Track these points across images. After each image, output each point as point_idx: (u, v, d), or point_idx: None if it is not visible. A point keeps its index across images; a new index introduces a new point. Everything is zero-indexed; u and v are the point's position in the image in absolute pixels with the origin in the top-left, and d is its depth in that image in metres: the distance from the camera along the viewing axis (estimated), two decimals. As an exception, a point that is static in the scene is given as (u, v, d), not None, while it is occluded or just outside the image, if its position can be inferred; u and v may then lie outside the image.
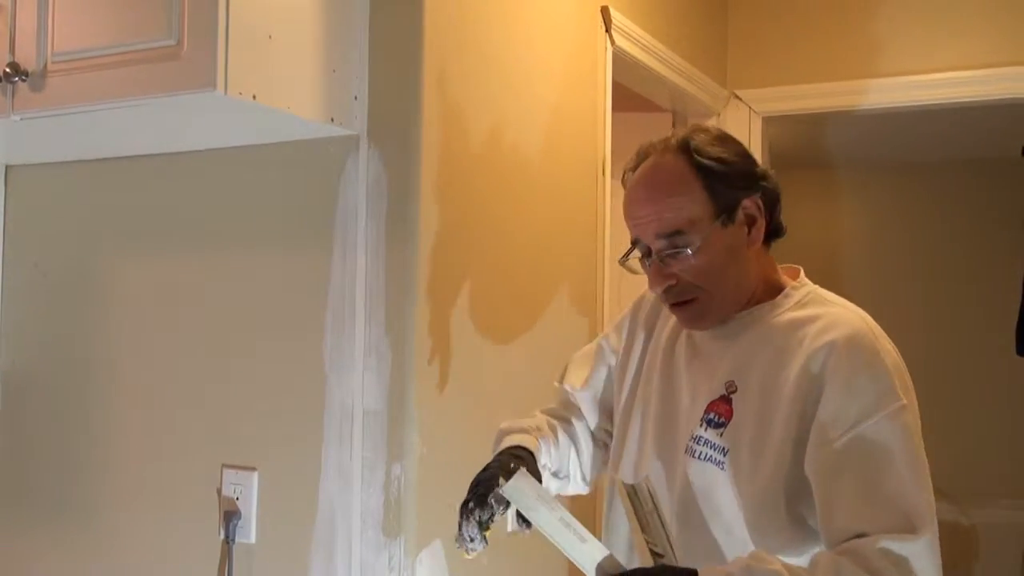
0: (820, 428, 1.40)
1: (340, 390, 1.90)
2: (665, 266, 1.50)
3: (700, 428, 1.50)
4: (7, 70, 1.77)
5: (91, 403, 2.18)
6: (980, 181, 5.41)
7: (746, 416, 1.47)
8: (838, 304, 1.53)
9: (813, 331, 1.46)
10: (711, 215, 1.48)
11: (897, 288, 5.49)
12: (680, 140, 1.53)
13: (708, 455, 1.48)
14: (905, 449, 1.38)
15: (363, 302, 1.89)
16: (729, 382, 1.50)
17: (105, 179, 2.19)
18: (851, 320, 1.47)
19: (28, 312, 2.28)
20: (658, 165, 1.53)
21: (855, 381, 1.40)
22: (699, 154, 1.50)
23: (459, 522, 1.48)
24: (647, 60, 2.86)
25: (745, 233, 1.51)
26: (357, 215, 1.90)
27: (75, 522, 2.19)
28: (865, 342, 1.43)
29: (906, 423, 1.39)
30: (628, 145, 3.30)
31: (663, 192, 1.50)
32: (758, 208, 1.52)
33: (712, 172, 1.49)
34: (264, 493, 1.97)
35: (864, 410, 1.39)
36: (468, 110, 2.01)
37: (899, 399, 1.40)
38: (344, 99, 1.88)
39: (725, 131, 1.63)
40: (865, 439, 1.38)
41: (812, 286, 1.58)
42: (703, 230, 1.48)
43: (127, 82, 1.69)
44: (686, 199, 1.48)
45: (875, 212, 5.71)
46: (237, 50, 1.62)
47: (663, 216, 1.48)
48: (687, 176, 1.49)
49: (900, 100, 3.33)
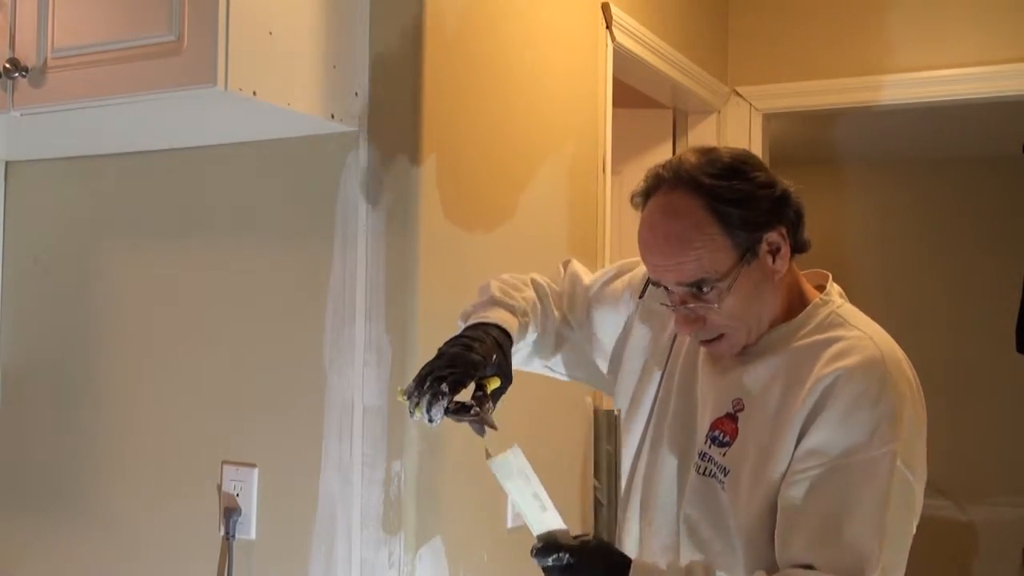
0: (804, 452, 1.37)
1: (340, 386, 1.90)
2: (690, 311, 1.44)
3: (705, 445, 1.47)
4: (7, 66, 1.77)
5: (91, 399, 2.18)
6: (982, 178, 5.40)
7: (750, 441, 1.43)
8: (860, 327, 1.46)
9: (827, 356, 1.41)
10: (734, 260, 1.40)
11: (897, 284, 5.49)
12: (693, 177, 1.41)
13: (711, 471, 1.46)
14: (880, 494, 1.34)
15: (363, 298, 1.89)
16: (737, 400, 1.46)
17: (105, 175, 2.19)
18: (867, 348, 1.41)
19: (28, 308, 2.28)
20: (672, 209, 1.42)
21: (853, 414, 1.36)
22: (717, 199, 1.39)
23: (422, 391, 1.39)
24: (648, 57, 2.86)
25: (770, 263, 1.43)
26: (357, 211, 1.90)
27: (75, 518, 2.19)
28: (875, 375, 1.38)
29: (892, 468, 1.34)
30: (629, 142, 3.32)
31: (681, 244, 1.40)
32: (782, 237, 1.43)
33: (732, 217, 1.39)
34: (264, 489, 1.97)
35: (853, 445, 1.35)
36: (469, 105, 2.01)
37: (892, 442, 1.34)
38: (344, 95, 1.87)
39: (740, 152, 1.49)
40: (843, 473, 1.35)
41: (837, 301, 1.51)
42: (727, 275, 1.40)
43: (127, 78, 1.69)
44: (705, 250, 1.39)
45: (876, 209, 5.71)
46: (237, 46, 1.62)
47: (683, 268, 1.41)
48: (704, 223, 1.39)
49: (903, 97, 3.32)
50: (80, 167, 2.22)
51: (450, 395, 1.38)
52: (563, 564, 1.38)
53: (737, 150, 1.48)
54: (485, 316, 1.54)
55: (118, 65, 1.70)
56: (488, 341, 1.48)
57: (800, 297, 1.50)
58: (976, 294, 5.34)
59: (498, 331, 1.52)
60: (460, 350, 1.44)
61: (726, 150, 1.47)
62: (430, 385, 1.38)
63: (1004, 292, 4.49)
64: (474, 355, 1.43)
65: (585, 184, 2.49)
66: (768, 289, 1.45)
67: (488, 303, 1.59)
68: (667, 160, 1.48)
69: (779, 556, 1.37)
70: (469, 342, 1.46)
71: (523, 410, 1.96)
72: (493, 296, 1.60)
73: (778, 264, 1.44)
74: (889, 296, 5.37)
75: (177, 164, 2.11)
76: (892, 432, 1.35)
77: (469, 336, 1.48)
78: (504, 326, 1.53)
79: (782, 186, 1.45)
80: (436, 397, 1.37)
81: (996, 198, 5.38)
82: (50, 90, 1.76)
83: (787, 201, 1.45)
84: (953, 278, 5.46)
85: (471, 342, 1.46)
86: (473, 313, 1.57)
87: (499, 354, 1.47)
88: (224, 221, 2.06)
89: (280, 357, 1.97)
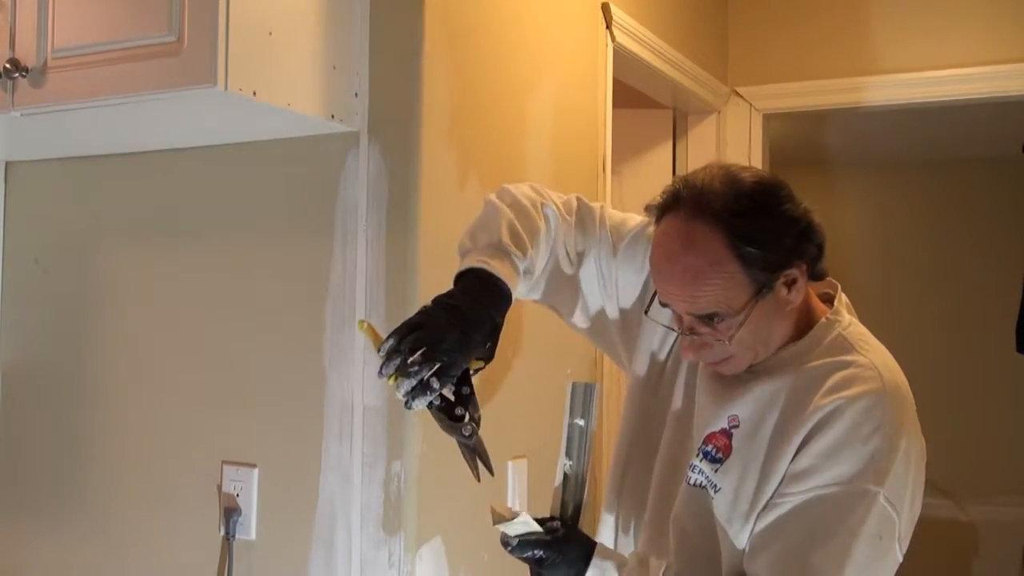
0: (790, 476, 1.36)
1: (340, 386, 1.90)
2: (699, 336, 1.40)
3: (697, 459, 1.45)
4: (7, 66, 1.77)
5: (91, 399, 2.18)
6: (982, 179, 5.41)
7: (744, 460, 1.40)
8: (865, 352, 1.42)
9: (828, 385, 1.37)
10: (749, 295, 1.36)
11: (897, 285, 5.49)
12: (716, 211, 1.35)
13: (701, 483, 1.44)
14: (853, 528, 1.31)
15: (363, 298, 1.89)
16: (733, 416, 1.43)
17: (106, 175, 2.19)
18: (870, 379, 1.37)
19: (28, 308, 2.28)
20: (691, 241, 1.36)
21: (843, 448, 1.33)
22: (739, 237, 1.33)
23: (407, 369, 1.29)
24: (648, 57, 2.86)
25: (785, 294, 1.39)
26: (357, 211, 1.91)
27: (75, 518, 2.19)
28: (873, 409, 1.35)
29: (871, 505, 1.32)
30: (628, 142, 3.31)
31: (697, 279, 1.35)
32: (801, 272, 1.39)
33: (753, 257, 1.34)
34: (264, 489, 1.97)
35: (834, 478, 1.32)
36: (469, 105, 2.01)
37: (876, 480, 1.32)
38: (345, 96, 1.88)
39: (767, 183, 1.40)
40: (821, 504, 1.33)
41: (845, 320, 1.47)
42: (741, 311, 1.36)
43: (127, 78, 1.69)
44: (721, 287, 1.35)
45: (875, 210, 5.71)
46: (237, 46, 1.62)
47: (696, 301, 1.37)
48: (724, 260, 1.34)
49: (903, 97, 3.32)
50: (80, 167, 2.23)
51: (439, 391, 1.31)
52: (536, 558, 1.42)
53: (763, 178, 1.42)
54: (489, 265, 1.42)
55: (118, 65, 1.70)
56: (487, 326, 1.38)
57: (808, 315, 1.47)
58: (975, 295, 5.34)
59: (497, 296, 1.41)
60: (460, 336, 1.33)
61: (751, 178, 1.40)
62: (419, 370, 1.29)
63: (1003, 292, 4.49)
64: (473, 345, 1.35)
65: (585, 184, 2.49)
66: (780, 317, 1.42)
67: (495, 248, 1.45)
68: (689, 178, 1.42)
69: (746, 568, 1.37)
70: (467, 325, 1.35)
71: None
72: (502, 241, 1.46)
73: (793, 295, 1.40)
74: (888, 297, 5.38)
75: (177, 164, 2.11)
76: (879, 469, 1.33)
77: (467, 313, 1.36)
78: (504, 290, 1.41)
79: (806, 219, 1.40)
80: (424, 391, 1.29)
81: (996, 198, 5.38)
82: (50, 90, 1.76)
83: (810, 236, 1.40)
84: (952, 278, 5.46)
85: (469, 325, 1.35)
86: (474, 249, 1.46)
87: (494, 336, 1.39)
88: (224, 221, 2.06)
89: (280, 356, 1.97)
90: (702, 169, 1.43)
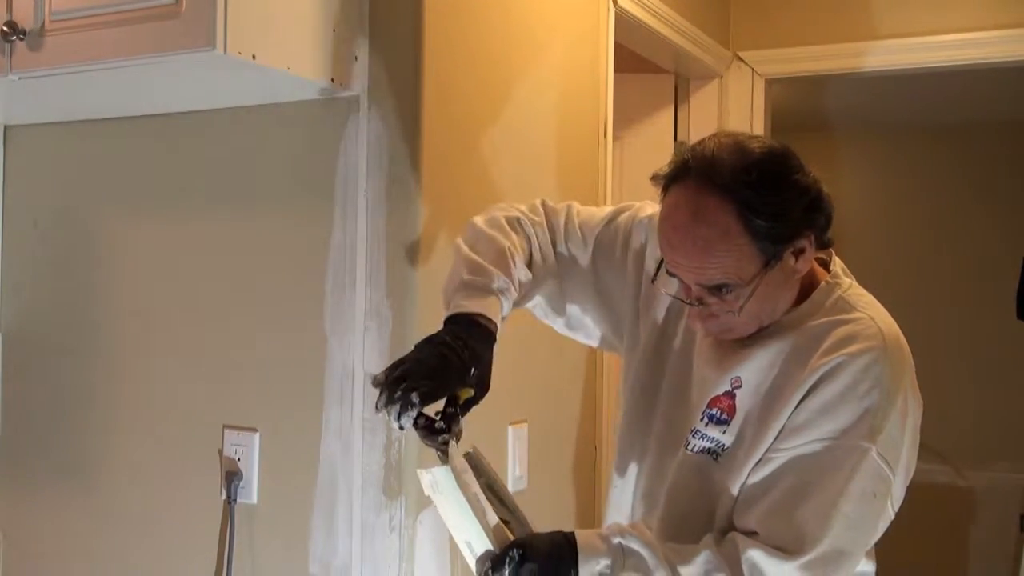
0: (786, 431, 1.37)
1: (341, 352, 1.91)
2: (706, 307, 1.41)
3: (700, 423, 1.46)
4: (5, 29, 1.76)
5: (91, 364, 2.18)
6: (986, 144, 5.38)
7: (747, 418, 1.42)
8: (866, 310, 1.44)
9: (829, 343, 1.39)
10: (759, 267, 1.37)
11: (899, 251, 5.48)
12: (726, 183, 1.35)
13: (704, 448, 1.45)
14: (841, 484, 1.33)
15: (364, 264, 1.89)
16: (736, 378, 1.45)
17: (104, 139, 2.18)
18: (871, 336, 1.39)
19: (28, 273, 2.28)
20: (701, 212, 1.36)
21: (839, 403, 1.35)
22: (749, 209, 1.33)
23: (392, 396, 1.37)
24: (650, 21, 2.84)
25: (792, 263, 1.40)
26: (358, 176, 1.90)
27: (76, 484, 2.20)
28: (872, 371, 1.36)
29: (863, 461, 1.34)
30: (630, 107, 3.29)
31: (706, 250, 1.36)
32: (809, 242, 1.40)
33: (762, 229, 1.34)
34: (265, 454, 1.98)
35: (827, 433, 1.35)
36: (471, 69, 2.00)
37: (867, 441, 1.34)
38: (344, 59, 1.86)
39: (776, 153, 1.40)
40: (813, 457, 1.35)
41: (844, 283, 1.49)
42: (750, 282, 1.37)
43: (126, 41, 1.68)
44: (731, 258, 1.35)
45: (879, 175, 5.69)
46: (236, 9, 1.61)
47: (705, 272, 1.37)
48: (733, 232, 1.34)
49: (907, 62, 3.30)
50: (79, 131, 2.21)
51: (420, 407, 1.37)
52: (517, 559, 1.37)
53: (772, 148, 1.41)
54: (463, 307, 1.48)
55: (116, 28, 1.68)
56: (467, 353, 1.42)
57: (809, 277, 1.47)
58: (977, 260, 5.33)
59: (480, 333, 1.46)
60: (439, 362, 1.40)
61: (760, 148, 1.39)
62: (402, 395, 1.36)
63: (1005, 259, 4.48)
64: (452, 369, 1.40)
65: (586, 149, 2.48)
66: (786, 286, 1.43)
67: (462, 288, 1.51)
68: (698, 147, 1.41)
69: (735, 521, 1.39)
70: (448, 351, 1.41)
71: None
72: (463, 280, 1.51)
73: (800, 264, 1.41)
74: (890, 262, 5.37)
75: (176, 128, 2.09)
76: (873, 425, 1.34)
77: (449, 343, 1.42)
78: (489, 327, 1.47)
79: (815, 189, 1.40)
80: (406, 407, 1.36)
81: (998, 165, 5.36)
82: (48, 53, 1.75)
83: (819, 206, 1.40)
84: (955, 244, 5.45)
85: (450, 352, 1.41)
86: (449, 301, 1.51)
87: (477, 365, 1.43)
88: (223, 185, 2.05)
89: (281, 322, 1.97)
90: (710, 138, 1.43)
